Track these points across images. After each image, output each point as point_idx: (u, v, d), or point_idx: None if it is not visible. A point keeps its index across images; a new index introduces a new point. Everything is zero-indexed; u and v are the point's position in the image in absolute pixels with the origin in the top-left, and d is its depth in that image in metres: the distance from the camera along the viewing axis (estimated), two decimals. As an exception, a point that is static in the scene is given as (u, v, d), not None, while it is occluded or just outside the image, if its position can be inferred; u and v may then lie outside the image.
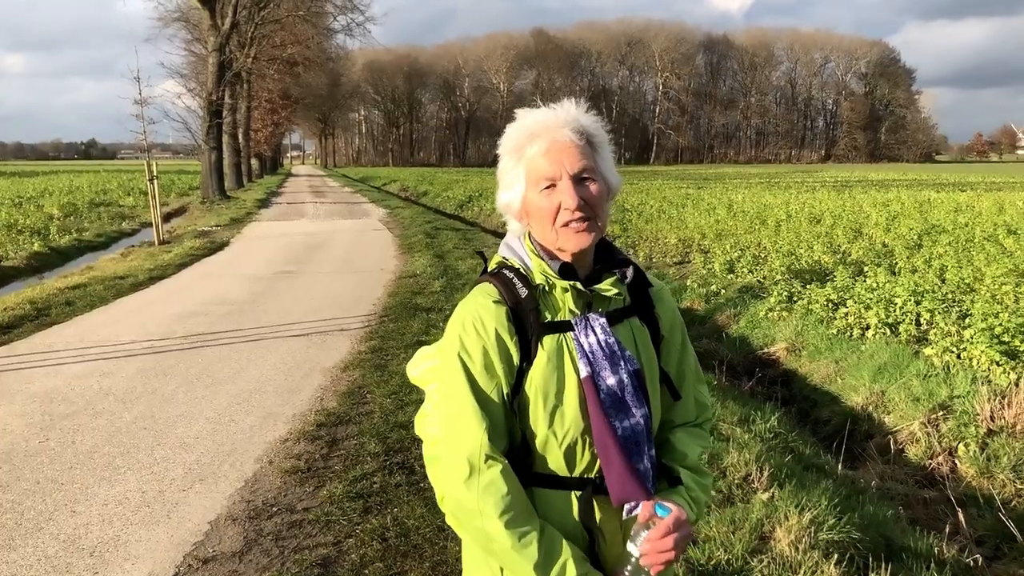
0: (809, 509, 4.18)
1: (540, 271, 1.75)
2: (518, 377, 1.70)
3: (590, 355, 1.69)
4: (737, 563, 3.76)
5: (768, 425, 5.90)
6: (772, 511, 4.22)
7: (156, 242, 18.80)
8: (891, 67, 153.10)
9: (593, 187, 1.72)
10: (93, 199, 32.99)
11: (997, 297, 8.35)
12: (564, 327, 1.72)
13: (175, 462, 5.27)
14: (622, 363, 1.70)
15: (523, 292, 1.73)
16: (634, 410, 1.69)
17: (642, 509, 1.65)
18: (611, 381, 1.68)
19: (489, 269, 1.84)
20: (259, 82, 52.44)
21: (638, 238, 16.52)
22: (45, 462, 5.26)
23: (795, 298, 9.75)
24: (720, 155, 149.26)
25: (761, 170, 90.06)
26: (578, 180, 1.70)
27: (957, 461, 5.82)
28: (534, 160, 1.74)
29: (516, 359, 1.70)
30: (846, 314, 8.64)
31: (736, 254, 13.02)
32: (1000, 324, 6.95)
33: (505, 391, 1.70)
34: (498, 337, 1.70)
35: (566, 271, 1.74)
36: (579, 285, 1.72)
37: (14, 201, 30.13)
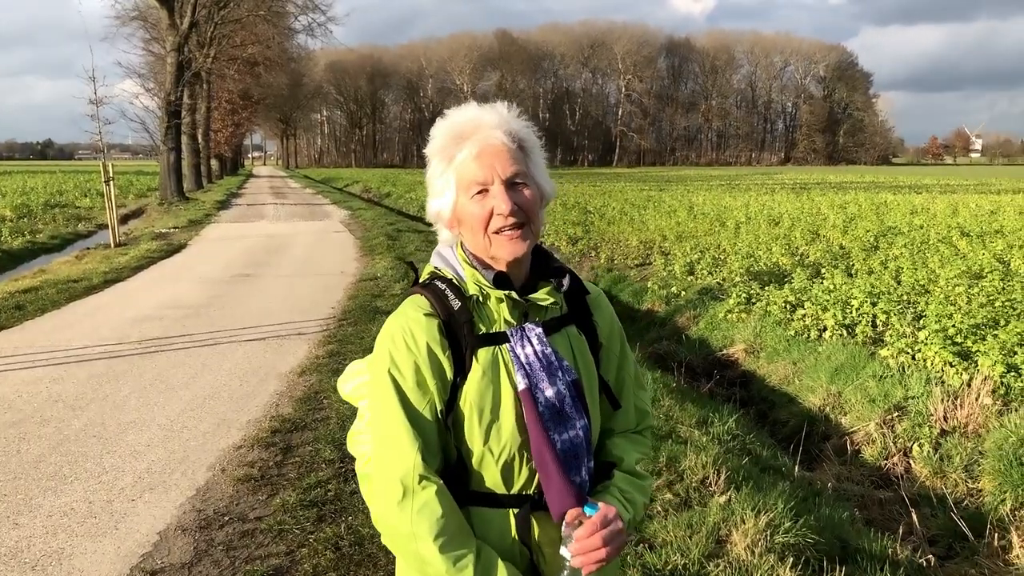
0: (766, 512, 4.19)
1: (473, 281, 1.69)
2: (452, 392, 1.64)
3: (527, 367, 1.64)
4: (694, 567, 3.75)
5: (726, 427, 5.92)
6: (729, 514, 4.22)
7: (112, 244, 18.46)
8: (849, 71, 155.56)
9: (527, 192, 1.67)
10: (48, 200, 32.33)
11: (951, 298, 8.46)
12: (499, 339, 1.67)
13: (125, 471, 5.15)
14: (560, 373, 1.66)
15: (456, 304, 1.67)
16: (573, 422, 1.65)
17: (569, 512, 1.60)
18: (549, 393, 1.63)
19: (421, 280, 1.78)
20: (219, 82, 51.83)
21: (600, 240, 16.55)
22: (-11, 472, 5.11)
23: (754, 300, 9.81)
24: (682, 157, 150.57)
25: (722, 172, 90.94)
26: (511, 185, 1.65)
27: (911, 461, 5.88)
28: (465, 165, 1.67)
29: (449, 374, 1.64)
30: (804, 316, 8.71)
31: (696, 256, 13.09)
32: (953, 325, 7.05)
33: (439, 408, 1.64)
34: (430, 351, 1.64)
35: (500, 281, 1.68)
36: (514, 295, 1.67)
37: (-35, 202, 29.43)
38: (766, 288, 10.11)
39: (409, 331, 1.65)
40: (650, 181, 56.17)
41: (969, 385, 6.23)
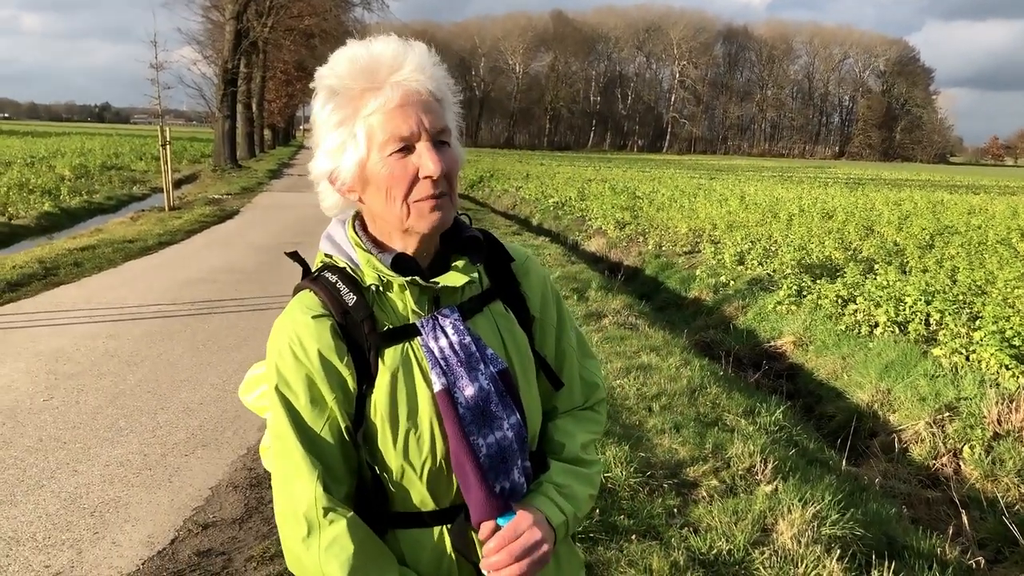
0: (812, 503, 4.16)
1: (370, 268, 1.41)
2: (359, 403, 1.39)
3: (442, 363, 1.39)
4: (739, 554, 3.74)
5: (773, 418, 5.88)
6: (775, 504, 4.20)
7: (166, 208, 18.79)
8: (910, 66, 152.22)
9: (451, 153, 1.40)
10: (105, 162, 32.97)
11: (1009, 300, 8.29)
12: (409, 332, 1.41)
13: (178, 427, 5.27)
14: (482, 366, 1.41)
15: (351, 299, 1.39)
16: (500, 421, 1.42)
17: (483, 527, 1.40)
18: (470, 392, 1.39)
19: (313, 271, 1.48)
20: (275, 52, 52.16)
21: (649, 226, 16.45)
22: (48, 420, 5.27)
23: (804, 293, 9.70)
24: (734, 147, 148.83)
25: (774, 163, 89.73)
26: (438, 143, 1.37)
27: (961, 463, 5.79)
28: (381, 115, 1.35)
29: (352, 383, 1.38)
30: (855, 311, 8.59)
31: (747, 246, 12.95)
32: (1011, 328, 6.90)
33: (342, 425, 1.38)
34: (323, 360, 1.36)
35: (400, 264, 1.41)
36: (419, 280, 1.40)
37: (26, 161, 30.13)
38: (817, 281, 9.98)
39: (297, 339, 1.37)
40: (700, 169, 55.63)
41: (1025, 389, 6.11)
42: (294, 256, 1.52)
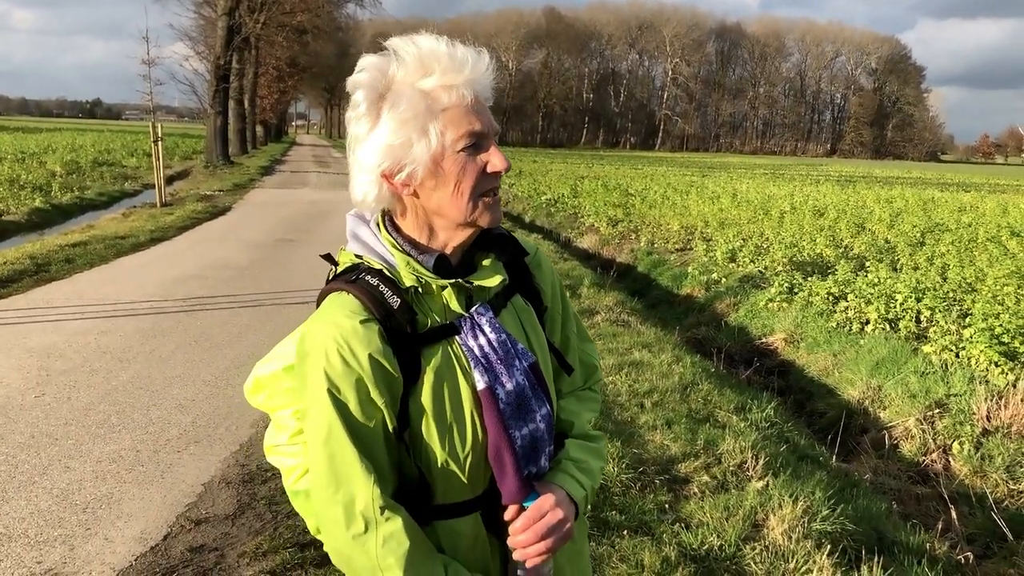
0: (803, 499, 4.19)
1: (409, 270, 1.44)
2: (403, 403, 1.42)
3: (483, 360, 1.45)
4: (729, 549, 3.77)
5: (764, 414, 5.91)
6: (766, 499, 4.22)
7: (158, 204, 18.75)
8: (901, 64, 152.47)
9: None
10: (96, 158, 32.84)
11: (998, 298, 8.33)
12: (448, 332, 1.45)
13: (171, 423, 5.27)
14: (517, 361, 1.48)
15: (395, 301, 1.42)
16: (534, 414, 1.49)
17: (509, 510, 1.47)
18: (509, 387, 1.45)
19: (340, 271, 1.51)
20: (267, 48, 52.02)
21: (641, 223, 16.48)
22: (40, 417, 5.26)
23: (796, 290, 9.74)
24: (726, 144, 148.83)
25: (766, 161, 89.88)
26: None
27: (951, 459, 5.83)
28: (459, 111, 1.41)
29: (399, 385, 1.41)
30: (846, 308, 8.64)
31: (738, 243, 13.00)
32: (1000, 325, 6.95)
33: (391, 426, 1.42)
34: (374, 364, 1.38)
35: (439, 265, 1.47)
36: (462, 282, 1.46)
37: (17, 156, 29.98)
38: (809, 279, 10.02)
39: (346, 344, 1.38)
40: (693, 166, 55.71)
41: (1015, 386, 6.16)
42: (327, 258, 1.57)
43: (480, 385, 1.43)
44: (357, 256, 1.49)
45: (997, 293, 8.55)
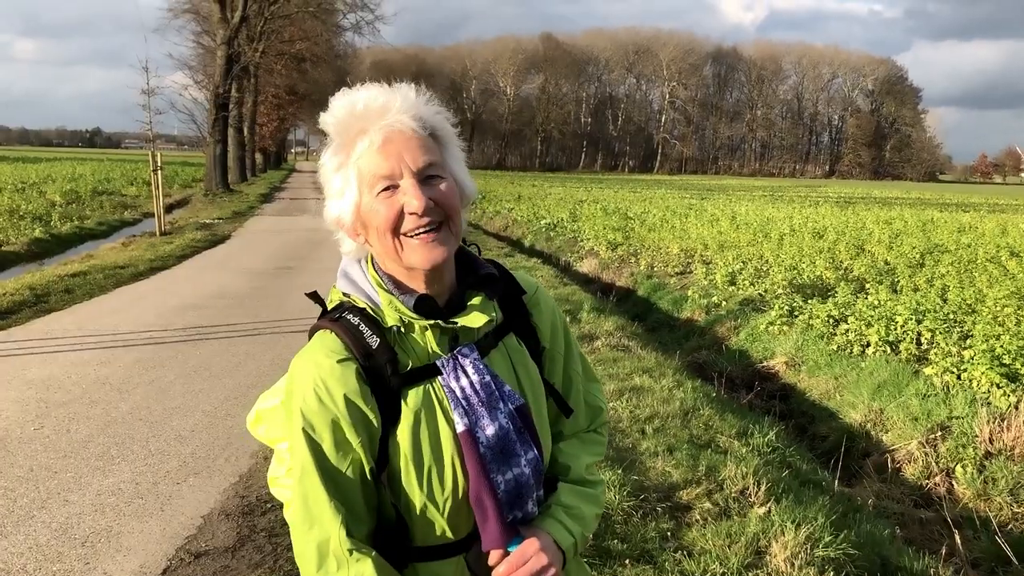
0: (806, 525, 4.16)
1: (392, 309, 1.44)
2: (382, 444, 1.42)
3: (464, 403, 1.42)
4: (732, 577, 3.74)
5: (766, 439, 5.88)
6: (768, 526, 4.20)
7: (158, 233, 18.79)
8: (898, 85, 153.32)
9: (443, 186, 1.43)
10: (96, 187, 32.96)
11: (999, 319, 8.33)
12: (430, 372, 1.44)
13: (170, 454, 5.25)
14: (501, 404, 1.44)
15: (374, 342, 1.42)
16: (519, 458, 1.45)
17: (492, 555, 1.45)
18: (490, 431, 1.42)
19: (329, 309, 1.51)
20: (266, 77, 52.44)
21: (640, 247, 16.50)
22: (39, 449, 5.24)
23: (796, 313, 9.73)
24: (724, 167, 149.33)
25: (765, 183, 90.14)
26: (424, 179, 1.40)
27: (954, 482, 5.80)
28: (367, 157, 1.41)
29: (377, 425, 1.41)
30: (847, 331, 8.62)
31: (738, 266, 13.01)
32: (1001, 346, 6.93)
33: (367, 467, 1.42)
34: (349, 404, 1.39)
35: (423, 304, 1.43)
36: (441, 323, 1.43)
37: (16, 187, 30.10)
38: (809, 301, 10.02)
39: (322, 384, 1.40)
40: (691, 189, 55.86)
41: (1017, 408, 6.13)
42: (314, 297, 1.56)
43: (459, 428, 1.41)
44: (344, 294, 1.50)
45: (998, 314, 8.54)
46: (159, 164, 19.85)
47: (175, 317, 9.43)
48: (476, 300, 1.48)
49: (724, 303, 11.11)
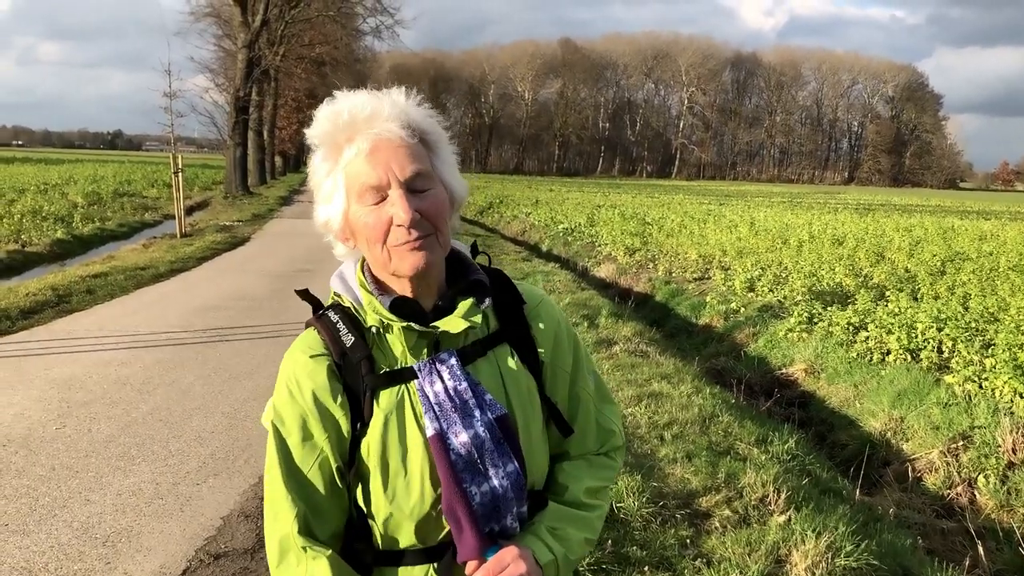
0: (826, 534, 4.13)
1: (372, 309, 1.43)
2: (352, 444, 1.41)
3: (436, 408, 1.39)
4: (752, 585, 3.71)
5: (785, 447, 5.84)
6: (789, 534, 4.17)
7: (178, 234, 18.91)
8: (918, 92, 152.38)
9: (432, 196, 1.40)
10: (117, 189, 33.24)
11: (1022, 328, 8.24)
12: (406, 376, 1.41)
13: (190, 455, 5.28)
14: (478, 413, 1.40)
15: (349, 339, 1.41)
16: (492, 471, 1.39)
17: (468, 566, 1.39)
18: (463, 438, 1.38)
19: (328, 306, 1.51)
20: (286, 80, 52.74)
21: (658, 252, 16.46)
22: (61, 449, 5.28)
23: (815, 320, 9.67)
24: (743, 172, 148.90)
25: (783, 189, 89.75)
26: (412, 189, 1.38)
27: (976, 492, 5.74)
28: (354, 165, 1.39)
29: (345, 424, 1.40)
30: (867, 338, 8.56)
31: (757, 272, 12.94)
32: (1024, 355, 6.86)
33: (334, 465, 1.41)
34: (317, 401, 1.39)
35: (401, 306, 1.42)
36: (415, 325, 1.41)
37: (39, 188, 30.41)
38: (828, 308, 9.96)
39: (294, 378, 1.42)
40: (710, 195, 55.69)
41: (1040, 417, 6.06)
42: (304, 294, 1.54)
43: (429, 432, 1.37)
44: (335, 294, 1.50)
45: (1021, 323, 8.46)
46: (180, 166, 20.00)
47: (195, 318, 9.48)
48: (463, 307, 1.44)
49: (743, 309, 11.06)
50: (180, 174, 19.90)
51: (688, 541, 4.14)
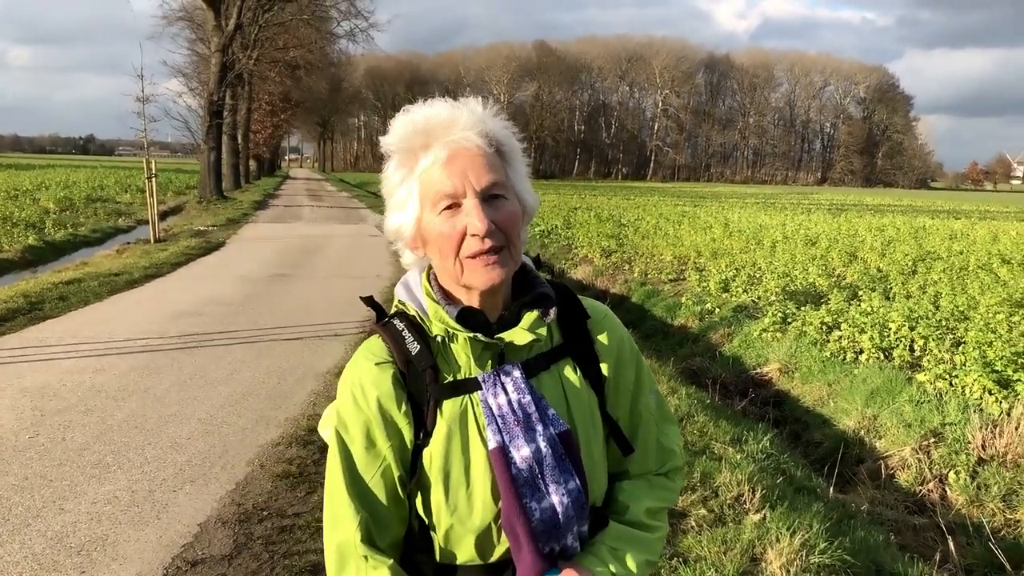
0: (801, 532, 4.18)
1: (438, 319, 1.42)
2: (415, 454, 1.40)
3: (499, 420, 1.38)
4: (728, 584, 3.75)
5: (760, 446, 5.90)
6: (764, 533, 4.22)
7: (152, 240, 18.75)
8: (889, 93, 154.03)
9: (507, 207, 1.39)
10: (90, 194, 32.90)
11: (991, 325, 8.37)
12: (470, 386, 1.40)
13: (166, 462, 5.24)
14: (540, 427, 1.38)
15: (415, 347, 1.41)
16: (553, 487, 1.38)
17: None
18: (525, 452, 1.36)
19: (388, 316, 1.50)
20: (260, 84, 52.49)
21: (634, 254, 16.55)
22: (34, 458, 5.23)
23: (789, 319, 9.77)
24: (717, 174, 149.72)
25: (757, 190, 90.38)
26: (487, 198, 1.37)
27: (948, 489, 5.83)
28: (431, 173, 1.38)
29: (409, 433, 1.40)
30: (840, 337, 8.66)
31: (731, 273, 13.05)
32: (993, 352, 6.98)
33: (396, 474, 1.41)
34: (382, 408, 1.39)
35: (467, 317, 1.41)
36: (481, 336, 1.40)
37: (10, 194, 30.01)
38: (802, 308, 10.06)
39: (359, 385, 1.41)
40: (684, 196, 55.98)
41: (1009, 414, 6.17)
42: (368, 301, 1.54)
43: (491, 444, 1.37)
44: (400, 302, 1.49)
45: (989, 321, 8.59)
46: (153, 171, 19.84)
47: (170, 324, 9.42)
48: (528, 319, 1.43)
49: (717, 310, 11.15)
50: (154, 179, 19.74)
51: (665, 541, 4.17)
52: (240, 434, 5.81)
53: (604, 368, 1.53)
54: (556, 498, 1.37)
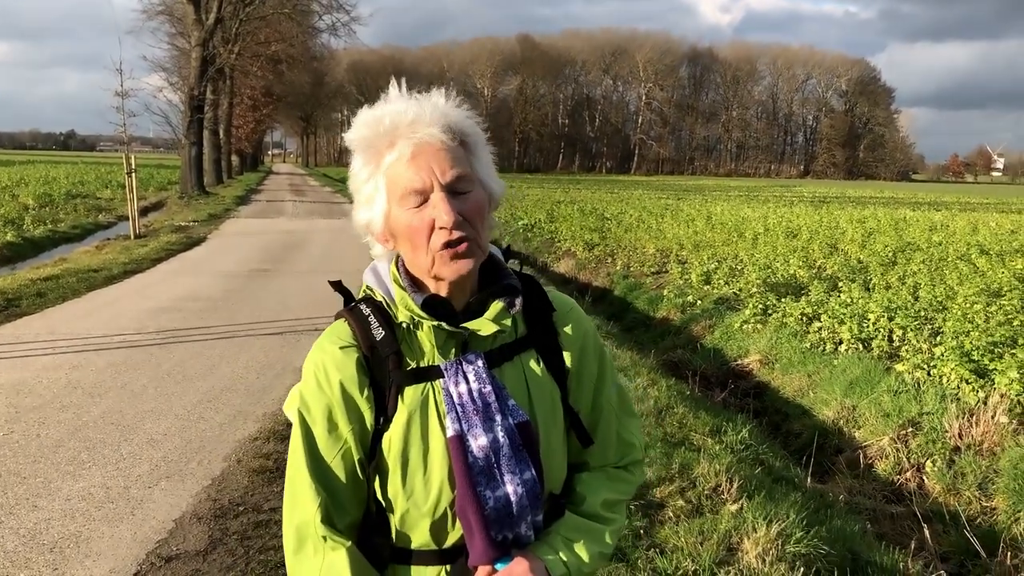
0: (777, 521, 4.19)
1: (404, 305, 1.43)
2: (375, 438, 1.42)
3: (459, 408, 1.39)
4: (704, 574, 3.76)
5: (739, 437, 5.92)
6: (741, 522, 4.23)
7: (132, 236, 18.61)
8: (871, 85, 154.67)
9: (473, 199, 1.41)
10: (70, 190, 32.61)
11: (968, 316, 8.43)
12: (433, 374, 1.42)
13: (142, 458, 5.21)
14: (499, 417, 1.40)
15: (379, 333, 1.43)
16: (508, 477, 1.39)
17: (480, 571, 1.40)
18: (482, 441, 1.38)
19: (359, 299, 1.52)
20: (242, 78, 52.12)
21: (617, 247, 16.56)
22: (8, 455, 5.18)
23: (770, 311, 9.80)
24: (700, 167, 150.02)
25: (740, 183, 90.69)
26: (454, 192, 1.39)
27: (925, 477, 5.87)
28: (397, 168, 1.40)
29: (370, 417, 1.41)
30: (820, 328, 8.70)
31: (713, 265, 13.09)
32: (970, 342, 7.02)
33: (356, 457, 1.42)
34: (344, 392, 1.41)
35: (433, 305, 1.43)
36: (445, 325, 1.41)
37: (-12, 190, 29.72)
38: (783, 300, 10.10)
39: (323, 368, 1.43)
40: (668, 190, 56.11)
41: (985, 403, 6.21)
42: (337, 285, 1.57)
43: (449, 432, 1.39)
44: (368, 288, 1.51)
45: (967, 311, 8.65)
46: (133, 167, 19.67)
47: (149, 320, 9.35)
48: (494, 309, 1.44)
49: (699, 302, 11.17)
50: (134, 174, 19.57)
51: (642, 532, 4.18)
52: (217, 429, 5.78)
53: (567, 360, 1.55)
54: (511, 487, 1.39)
